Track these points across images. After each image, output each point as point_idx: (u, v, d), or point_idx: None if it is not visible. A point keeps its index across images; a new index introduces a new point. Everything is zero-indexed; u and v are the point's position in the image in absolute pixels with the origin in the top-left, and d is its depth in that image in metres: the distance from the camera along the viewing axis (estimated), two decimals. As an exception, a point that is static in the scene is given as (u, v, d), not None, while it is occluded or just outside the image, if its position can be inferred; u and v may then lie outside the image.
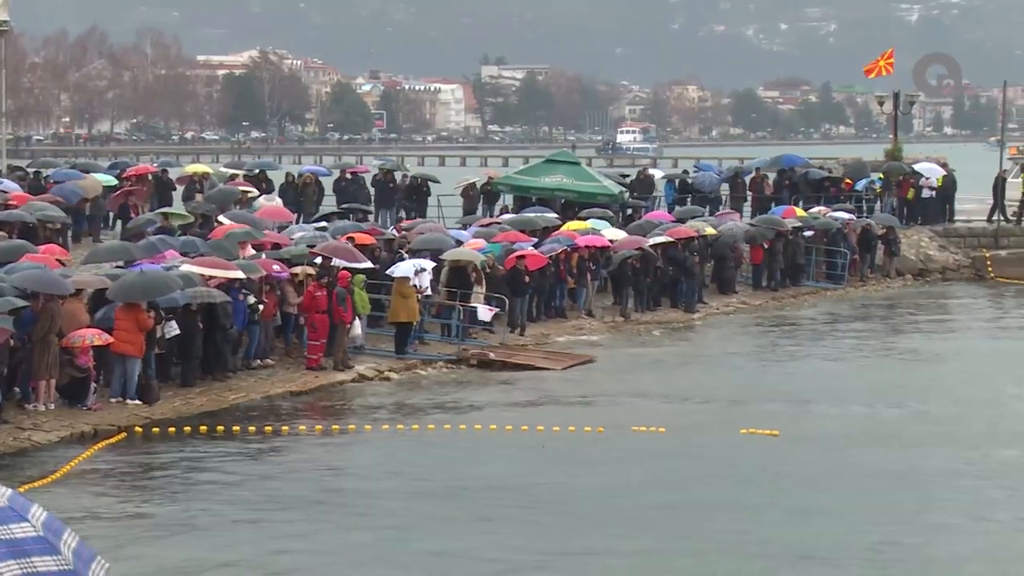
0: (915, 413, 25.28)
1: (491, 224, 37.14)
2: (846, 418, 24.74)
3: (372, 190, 42.72)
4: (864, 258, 43.70)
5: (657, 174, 50.56)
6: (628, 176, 48.19)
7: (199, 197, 38.16)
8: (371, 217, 40.38)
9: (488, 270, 31.65)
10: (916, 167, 48.31)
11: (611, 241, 35.99)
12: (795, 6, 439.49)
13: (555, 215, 39.12)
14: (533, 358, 30.03)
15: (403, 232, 34.81)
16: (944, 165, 49.12)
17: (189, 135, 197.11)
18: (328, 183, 43.05)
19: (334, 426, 23.71)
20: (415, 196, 43.13)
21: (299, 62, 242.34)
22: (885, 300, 41.45)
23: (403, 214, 42.02)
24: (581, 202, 41.21)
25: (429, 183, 43.93)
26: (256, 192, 39.07)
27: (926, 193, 47.67)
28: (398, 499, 19.22)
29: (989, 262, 46.22)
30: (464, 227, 37.07)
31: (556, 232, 36.08)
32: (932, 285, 44.69)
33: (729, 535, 17.50)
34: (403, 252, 31.90)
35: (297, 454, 21.73)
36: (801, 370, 30.02)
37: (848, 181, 47.71)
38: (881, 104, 54.97)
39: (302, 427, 23.45)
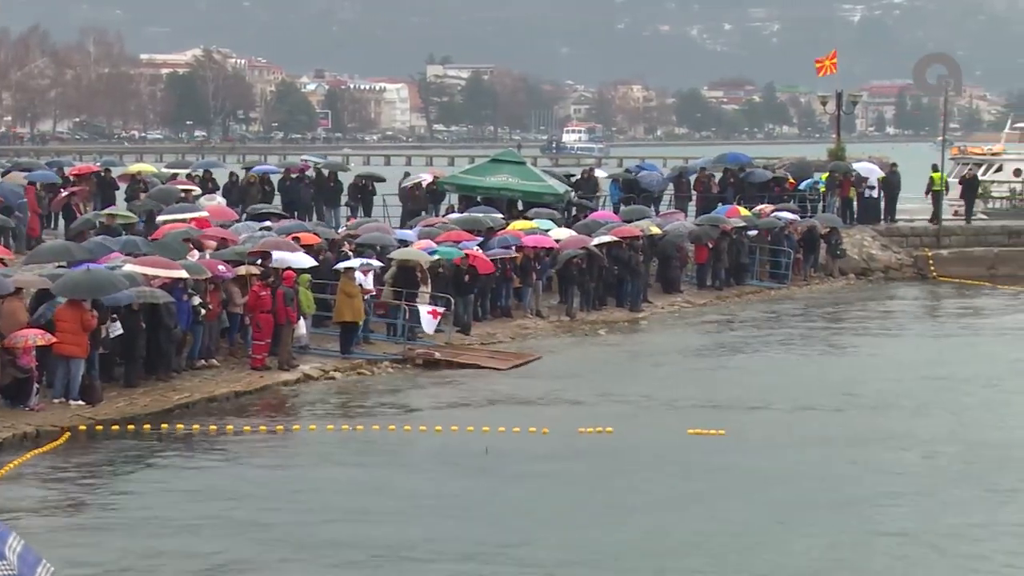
0: (856, 411, 25.43)
1: (437, 224, 37.09)
2: (792, 417, 24.87)
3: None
4: (808, 258, 43.99)
5: (601, 174, 50.57)
6: (574, 176, 48.26)
7: (143, 196, 37.95)
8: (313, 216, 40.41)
9: (441, 270, 31.68)
10: (855, 167, 48.62)
11: (556, 241, 36.08)
12: (739, 6, 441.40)
13: (501, 215, 39.15)
14: (479, 358, 30.04)
15: (349, 231, 34.77)
16: (892, 165, 49.44)
17: (134, 134, 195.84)
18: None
19: (278, 426, 23.64)
20: (360, 195, 43.08)
21: (243, 61, 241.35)
22: (828, 300, 41.70)
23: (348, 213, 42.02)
24: (527, 201, 41.29)
25: (374, 182, 43.88)
26: (199, 191, 39.03)
27: (868, 193, 48.02)
28: (340, 497, 19.19)
29: (931, 262, 46.60)
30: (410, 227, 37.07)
31: (502, 232, 36.10)
32: (875, 284, 45.02)
33: (671, 534, 17.58)
34: (347, 251, 31.88)
35: (241, 454, 21.63)
36: (746, 369, 30.14)
37: (792, 181, 47.97)
38: (824, 104, 55.31)
39: (247, 427, 23.36)
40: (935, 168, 48.31)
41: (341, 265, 29.74)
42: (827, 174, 48.14)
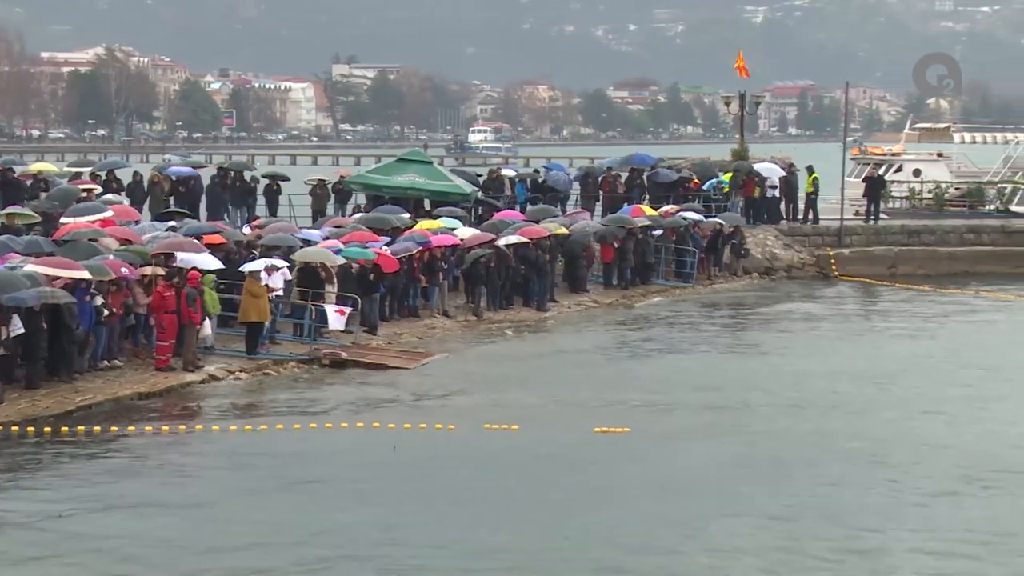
0: (758, 406, 25.73)
1: (344, 224, 36.95)
2: (695, 414, 25.10)
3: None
4: (711, 257, 44.42)
5: (508, 174, 50.63)
6: (482, 176, 48.30)
7: (43, 196, 37.47)
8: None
9: (352, 270, 31.63)
10: (757, 167, 49.11)
11: (461, 240, 36.13)
12: (643, 7, 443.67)
13: (408, 215, 39.12)
14: (386, 357, 30.04)
15: (257, 231, 34.59)
16: (790, 165, 50.01)
17: (35, 133, 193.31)
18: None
19: (181, 426, 23.47)
20: (265, 195, 42.78)
21: (146, 59, 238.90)
22: (731, 298, 42.12)
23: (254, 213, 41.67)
24: (434, 201, 41.30)
25: (279, 182, 43.61)
26: (100, 189, 38.61)
27: (770, 192, 48.53)
28: (244, 498, 19.12)
29: (833, 261, 47.22)
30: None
31: (409, 231, 36.09)
32: (778, 283, 45.51)
33: (575, 532, 17.71)
34: (254, 251, 31.72)
35: (144, 455, 21.47)
36: (652, 367, 30.37)
37: (696, 181, 48.37)
38: (728, 105, 55.85)
39: (149, 428, 23.18)
40: (811, 169, 48.90)
41: (246, 267, 29.60)
42: (730, 174, 48.61)
